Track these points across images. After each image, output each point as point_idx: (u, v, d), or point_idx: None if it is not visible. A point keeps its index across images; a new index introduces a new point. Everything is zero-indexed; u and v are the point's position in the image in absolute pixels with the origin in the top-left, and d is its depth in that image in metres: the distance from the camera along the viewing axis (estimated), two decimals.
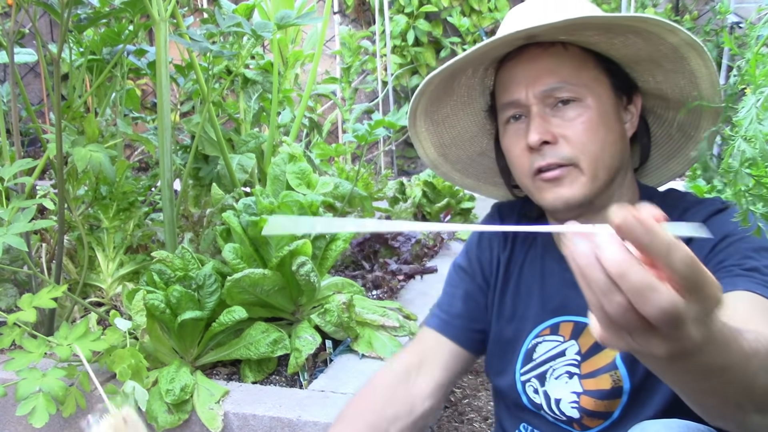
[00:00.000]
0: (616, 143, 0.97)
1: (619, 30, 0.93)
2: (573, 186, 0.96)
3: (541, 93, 0.96)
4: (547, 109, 0.97)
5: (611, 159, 0.97)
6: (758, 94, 0.64)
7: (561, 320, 1.05)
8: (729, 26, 3.74)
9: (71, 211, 1.72)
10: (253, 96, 2.26)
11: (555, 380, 1.04)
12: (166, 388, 1.31)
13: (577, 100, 0.96)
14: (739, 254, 0.90)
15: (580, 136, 0.95)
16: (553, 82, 0.96)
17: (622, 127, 1.00)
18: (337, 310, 1.48)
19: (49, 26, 5.40)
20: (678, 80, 0.99)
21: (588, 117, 0.95)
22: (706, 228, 0.91)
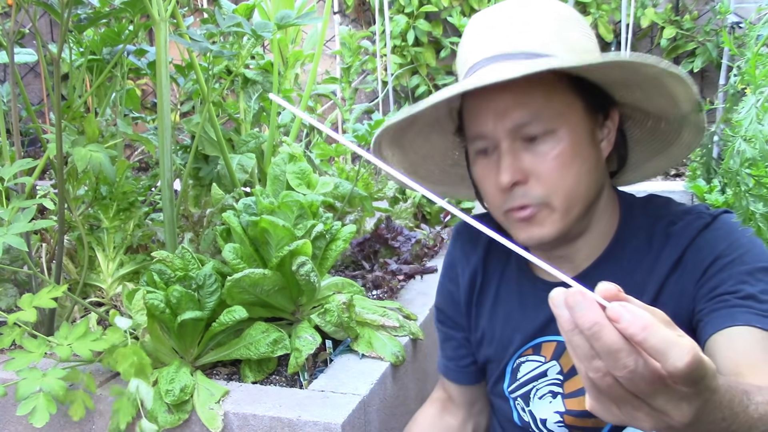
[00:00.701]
0: (592, 172, 0.92)
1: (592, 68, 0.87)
2: (544, 226, 0.92)
3: (511, 128, 0.90)
4: (518, 143, 0.90)
5: (587, 190, 0.92)
6: (758, 94, 0.64)
7: (542, 340, 1.03)
8: (729, 26, 3.74)
9: (71, 211, 1.72)
10: (253, 96, 2.26)
11: (539, 400, 1.03)
12: (165, 389, 1.31)
13: (550, 133, 0.89)
14: (733, 279, 0.87)
15: (552, 173, 0.89)
16: (524, 116, 0.89)
17: (597, 151, 0.94)
18: (337, 310, 1.48)
19: (49, 26, 5.39)
20: (658, 100, 0.94)
21: (560, 150, 0.89)
22: (697, 247, 0.89)
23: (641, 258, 0.96)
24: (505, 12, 0.93)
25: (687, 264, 0.92)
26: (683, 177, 3.65)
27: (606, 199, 0.99)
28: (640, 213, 0.99)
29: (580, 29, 0.93)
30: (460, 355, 1.18)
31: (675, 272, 0.93)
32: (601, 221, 0.98)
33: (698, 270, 0.91)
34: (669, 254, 0.93)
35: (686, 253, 0.92)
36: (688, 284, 0.92)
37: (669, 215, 0.97)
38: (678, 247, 0.93)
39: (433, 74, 4.74)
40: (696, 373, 0.53)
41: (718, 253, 0.90)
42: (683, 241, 0.93)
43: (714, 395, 0.57)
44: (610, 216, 0.99)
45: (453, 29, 4.67)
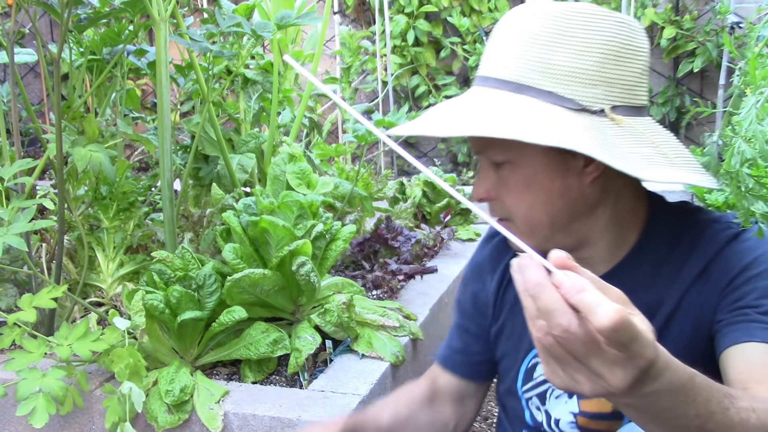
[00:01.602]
0: (553, 202, 0.92)
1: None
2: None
3: (475, 151, 0.96)
4: (491, 163, 0.95)
5: (547, 216, 0.93)
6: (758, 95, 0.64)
7: None
8: (729, 26, 3.74)
9: (71, 211, 1.72)
10: (253, 96, 2.26)
11: (555, 399, 1.03)
12: (165, 389, 1.31)
13: (508, 162, 0.92)
14: (757, 293, 0.86)
15: (510, 198, 0.94)
16: (481, 144, 0.94)
17: (565, 181, 0.92)
18: (337, 310, 1.48)
19: (49, 26, 5.40)
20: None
21: (516, 179, 0.92)
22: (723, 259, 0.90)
23: (663, 265, 0.95)
24: (512, 25, 0.94)
25: (711, 275, 0.91)
26: None
27: (608, 215, 0.96)
28: (667, 221, 0.98)
29: (576, 46, 0.90)
30: (473, 350, 1.17)
31: (698, 282, 0.92)
32: (607, 235, 0.97)
33: (723, 281, 0.90)
34: (694, 264, 0.93)
35: (711, 264, 0.91)
36: (711, 295, 0.91)
37: (696, 224, 0.96)
38: (704, 257, 0.92)
39: (433, 74, 4.74)
40: (623, 334, 0.55)
41: (745, 265, 0.89)
42: (709, 252, 0.92)
43: (657, 372, 0.59)
44: (628, 226, 0.98)
45: (453, 29, 4.67)
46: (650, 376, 0.59)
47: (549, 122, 0.85)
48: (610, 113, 0.88)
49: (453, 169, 4.73)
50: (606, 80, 0.89)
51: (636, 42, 0.91)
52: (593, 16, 0.89)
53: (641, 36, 0.93)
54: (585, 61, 0.88)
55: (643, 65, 0.92)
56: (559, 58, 0.88)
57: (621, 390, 0.58)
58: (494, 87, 0.91)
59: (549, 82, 0.88)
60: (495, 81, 0.92)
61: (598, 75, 0.88)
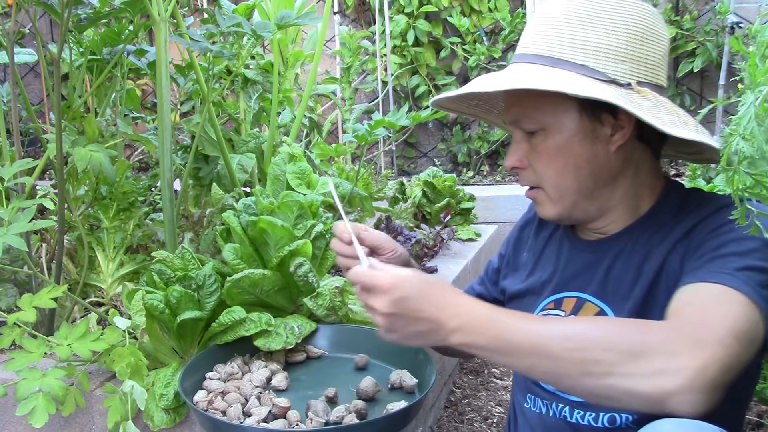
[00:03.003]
0: (581, 167, 1.02)
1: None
2: (544, 206, 1.07)
3: (510, 122, 1.06)
4: (523, 133, 1.05)
5: (575, 182, 1.03)
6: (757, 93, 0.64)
7: (564, 296, 1.11)
8: (729, 26, 3.74)
9: (71, 211, 1.73)
10: (253, 96, 2.26)
11: None
12: (160, 393, 1.31)
13: (541, 130, 1.02)
14: (717, 242, 0.93)
15: (540, 165, 1.04)
16: (516, 114, 1.04)
17: (592, 148, 1.01)
18: (330, 294, 1.49)
19: (49, 26, 5.40)
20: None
21: (547, 147, 1.02)
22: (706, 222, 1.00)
23: (662, 229, 1.03)
24: (548, 8, 1.05)
25: (694, 235, 0.98)
26: (683, 177, 3.65)
27: (629, 184, 1.05)
28: (678, 197, 1.06)
29: (606, 25, 0.99)
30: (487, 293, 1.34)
31: (683, 240, 0.99)
32: (625, 202, 1.06)
33: (700, 239, 0.97)
34: (684, 225, 1.00)
35: (698, 225, 0.99)
36: (688, 252, 0.97)
37: (701, 198, 1.04)
38: (693, 219, 0.99)
39: (433, 74, 4.74)
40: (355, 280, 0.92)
41: (720, 224, 0.95)
42: (699, 216, 0.99)
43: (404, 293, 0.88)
44: (644, 197, 1.07)
45: (453, 29, 4.67)
46: (400, 295, 0.87)
47: (585, 84, 0.95)
48: (636, 87, 0.98)
49: (453, 169, 4.73)
50: (633, 58, 0.98)
51: (659, 28, 1.01)
52: (622, 1, 1.00)
53: (663, 24, 1.03)
54: (615, 39, 0.98)
55: (664, 49, 1.03)
56: (592, 35, 0.98)
57: (381, 310, 0.88)
58: (532, 62, 1.02)
59: (582, 57, 0.98)
60: (533, 57, 1.02)
61: (626, 52, 0.98)
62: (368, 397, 1.19)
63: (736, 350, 0.79)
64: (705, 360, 0.76)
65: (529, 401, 1.14)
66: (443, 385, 2.10)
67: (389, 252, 1.17)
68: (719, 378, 0.77)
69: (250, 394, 1.20)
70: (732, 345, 0.79)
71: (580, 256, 1.12)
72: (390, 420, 1.08)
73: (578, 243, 1.14)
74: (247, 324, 1.37)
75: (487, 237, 2.80)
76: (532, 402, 1.14)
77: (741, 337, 0.80)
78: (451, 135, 4.82)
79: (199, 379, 1.26)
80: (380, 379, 1.23)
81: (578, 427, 1.04)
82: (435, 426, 1.98)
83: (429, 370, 1.21)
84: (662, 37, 1.02)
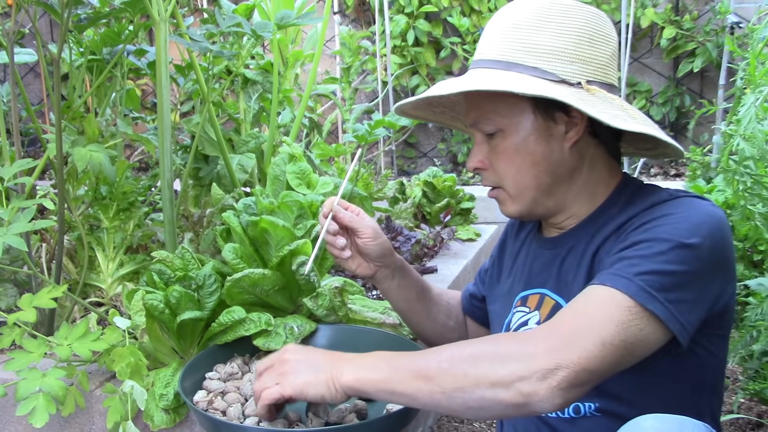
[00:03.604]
0: (538, 164, 1.06)
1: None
2: (506, 205, 1.12)
3: (470, 125, 1.10)
4: (483, 136, 1.09)
5: (534, 179, 1.07)
6: (757, 93, 0.64)
7: (530, 292, 1.16)
8: (729, 26, 3.74)
9: (71, 211, 1.73)
10: (253, 96, 2.26)
11: None
12: (160, 393, 1.31)
13: (499, 131, 1.07)
14: (628, 242, 0.96)
15: (500, 165, 1.08)
16: (475, 117, 1.08)
17: (548, 145, 1.06)
18: (330, 294, 1.49)
19: (49, 26, 5.40)
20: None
21: (505, 147, 1.07)
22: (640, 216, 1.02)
23: (609, 221, 1.07)
24: (500, 16, 1.09)
25: (625, 228, 1.01)
26: (683, 177, 3.65)
27: (584, 179, 1.09)
28: (630, 192, 1.09)
29: (555, 29, 1.04)
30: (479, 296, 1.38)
31: (616, 232, 1.03)
32: (581, 196, 1.10)
33: (627, 233, 0.99)
34: (622, 217, 1.04)
35: (632, 219, 1.02)
36: (614, 246, 1.00)
37: (648, 193, 1.06)
38: (630, 213, 1.03)
39: (433, 74, 4.74)
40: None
41: (645, 221, 0.98)
42: (636, 210, 1.03)
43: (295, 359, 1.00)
44: (599, 191, 1.10)
45: (453, 29, 4.67)
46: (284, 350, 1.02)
47: (536, 84, 1.00)
48: (585, 85, 1.02)
49: (453, 169, 4.73)
50: (582, 58, 1.03)
51: (606, 30, 1.07)
52: (570, 6, 1.05)
53: (610, 26, 1.08)
54: (564, 42, 1.03)
55: (612, 50, 1.07)
56: (542, 39, 1.04)
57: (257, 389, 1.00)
58: (486, 67, 1.06)
59: (533, 59, 1.03)
60: (487, 62, 1.07)
61: (575, 54, 1.03)
62: None
63: (602, 355, 0.85)
64: (557, 363, 0.84)
65: None
66: None
67: (367, 238, 1.22)
68: (576, 379, 0.84)
69: (250, 394, 1.20)
70: (594, 351, 0.85)
71: (542, 253, 1.17)
72: (390, 420, 1.08)
73: (541, 241, 1.19)
74: (247, 324, 1.37)
75: (487, 237, 2.80)
76: None
77: (612, 344, 0.86)
78: (451, 135, 4.82)
79: (199, 379, 1.26)
80: None
81: (545, 419, 1.08)
82: (435, 426, 1.98)
83: None
84: (610, 38, 1.07)
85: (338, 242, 1.22)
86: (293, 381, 0.95)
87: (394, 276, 1.29)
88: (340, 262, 1.26)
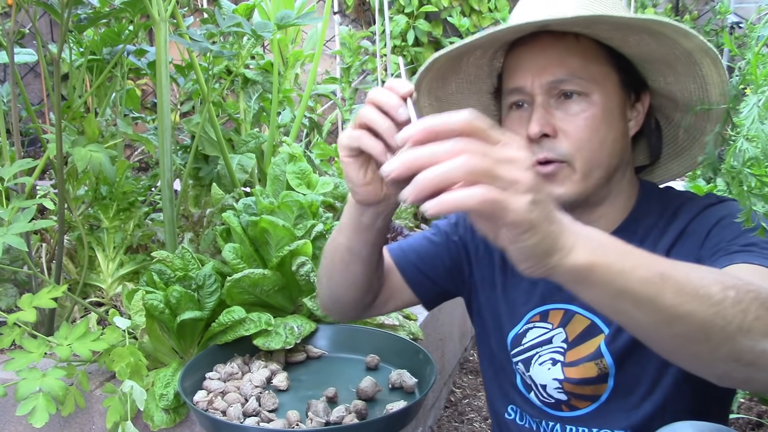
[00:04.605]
0: (617, 142, 0.97)
1: (634, 29, 0.92)
2: (565, 184, 0.96)
3: (547, 84, 0.95)
4: (552, 100, 0.95)
5: (609, 158, 0.96)
6: (759, 94, 0.64)
7: (551, 308, 1.06)
8: (729, 26, 3.75)
9: (71, 211, 1.72)
10: (253, 96, 2.26)
11: (539, 366, 1.05)
12: (160, 393, 1.31)
13: (583, 95, 0.95)
14: (733, 234, 0.90)
15: (579, 132, 0.94)
16: (561, 73, 0.95)
17: (625, 125, 0.99)
18: None
19: (49, 26, 5.39)
20: (689, 84, 0.99)
21: (591, 114, 0.94)
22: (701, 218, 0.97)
23: (651, 232, 1.01)
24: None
25: (691, 233, 0.96)
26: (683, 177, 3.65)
27: (628, 176, 1.03)
28: (657, 196, 1.05)
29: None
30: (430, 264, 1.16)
31: (679, 241, 0.97)
32: (621, 196, 1.03)
33: (702, 234, 0.94)
34: (675, 227, 0.98)
35: (690, 224, 0.97)
36: (692, 249, 0.95)
37: (681, 199, 1.02)
38: (683, 221, 0.98)
39: None
40: (478, 122, 0.60)
41: (721, 217, 0.93)
42: (688, 216, 0.98)
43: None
44: (630, 194, 1.04)
45: (453, 29, 4.67)
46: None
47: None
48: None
49: None
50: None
51: None
52: None
53: None
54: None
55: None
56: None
57: (530, 182, 0.59)
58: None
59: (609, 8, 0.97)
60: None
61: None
62: (368, 397, 1.19)
63: None
64: None
65: (512, 413, 1.11)
66: (443, 385, 2.10)
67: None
68: None
69: (250, 394, 1.20)
70: None
71: None
72: (390, 420, 1.08)
73: None
74: (246, 324, 1.37)
75: None
76: (517, 414, 1.11)
77: None
78: None
79: (199, 379, 1.26)
80: (380, 379, 1.23)
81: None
82: (435, 426, 1.98)
83: (429, 370, 1.21)
84: None
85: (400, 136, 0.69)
86: (517, 205, 0.59)
87: (385, 216, 0.93)
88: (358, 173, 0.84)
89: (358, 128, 0.78)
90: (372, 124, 0.76)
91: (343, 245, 0.98)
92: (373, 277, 1.04)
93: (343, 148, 0.81)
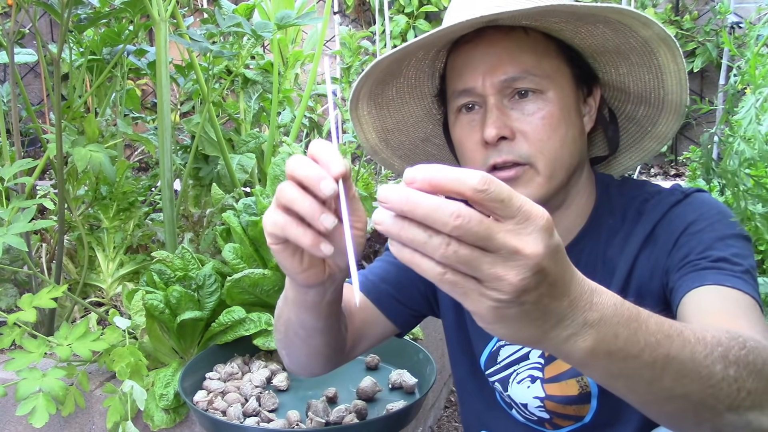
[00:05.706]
0: (576, 140, 0.92)
1: (588, 19, 0.87)
2: (528, 187, 0.90)
3: (499, 83, 0.88)
4: (505, 100, 0.89)
5: (570, 157, 0.91)
6: (758, 94, 0.64)
7: None
8: (729, 26, 3.74)
9: (71, 211, 1.73)
10: (253, 96, 2.26)
11: (517, 384, 1.02)
12: (160, 393, 1.31)
13: (538, 92, 0.89)
14: (703, 245, 0.86)
15: (539, 132, 0.88)
16: (514, 71, 0.88)
17: (581, 121, 0.94)
18: None
19: (49, 26, 5.39)
20: (643, 74, 0.94)
21: (548, 112, 0.88)
22: (668, 221, 0.91)
23: (615, 235, 0.96)
24: None
25: (658, 238, 0.92)
26: (683, 177, 3.65)
27: (585, 175, 0.98)
28: (616, 192, 0.99)
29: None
30: (402, 289, 1.07)
31: (647, 247, 0.92)
32: (580, 197, 0.97)
33: (669, 242, 0.90)
34: (641, 230, 0.93)
35: (657, 228, 0.93)
36: (660, 257, 0.91)
37: (643, 194, 0.97)
38: (649, 223, 0.93)
39: None
40: (496, 186, 0.49)
41: (689, 223, 0.89)
42: (654, 217, 0.93)
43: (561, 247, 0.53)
44: (589, 194, 0.99)
45: None
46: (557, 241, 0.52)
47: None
48: None
49: None
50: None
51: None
52: None
53: None
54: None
55: None
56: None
57: (541, 255, 0.50)
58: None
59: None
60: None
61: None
62: (368, 397, 1.19)
63: None
64: None
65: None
66: (443, 385, 2.11)
67: (359, 227, 0.73)
68: None
69: (250, 394, 1.20)
70: None
71: None
72: (390, 420, 1.08)
73: None
74: (246, 324, 1.37)
75: None
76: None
77: None
78: None
79: (199, 379, 1.26)
80: (380, 379, 1.23)
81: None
82: (435, 426, 1.98)
83: (429, 370, 1.21)
84: None
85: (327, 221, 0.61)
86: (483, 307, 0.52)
87: (336, 288, 0.79)
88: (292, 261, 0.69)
89: (279, 209, 0.63)
90: (292, 205, 0.62)
91: (293, 322, 0.87)
92: (339, 338, 0.92)
93: (268, 234, 0.66)
